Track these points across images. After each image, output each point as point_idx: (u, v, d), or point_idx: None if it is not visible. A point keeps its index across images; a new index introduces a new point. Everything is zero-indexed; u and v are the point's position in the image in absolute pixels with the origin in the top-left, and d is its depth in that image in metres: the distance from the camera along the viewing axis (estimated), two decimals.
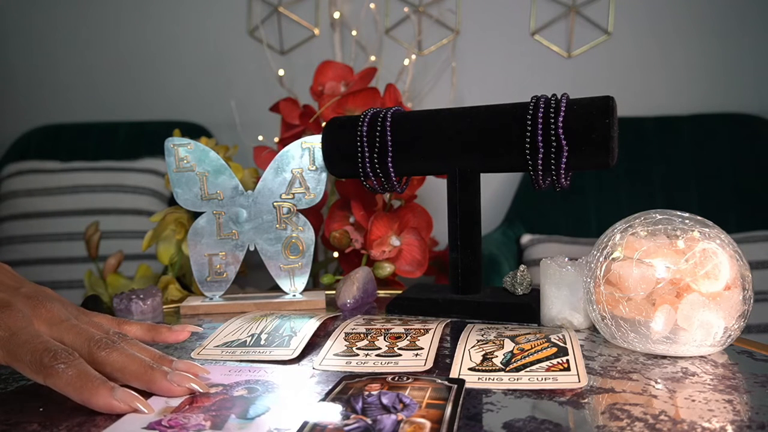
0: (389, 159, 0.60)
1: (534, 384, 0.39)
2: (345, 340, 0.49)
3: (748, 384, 0.39)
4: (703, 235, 0.44)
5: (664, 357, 0.44)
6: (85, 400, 0.36)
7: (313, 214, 0.87)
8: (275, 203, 0.64)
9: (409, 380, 0.39)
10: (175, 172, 0.63)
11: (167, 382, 0.39)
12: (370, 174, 0.61)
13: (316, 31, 1.52)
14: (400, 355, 0.45)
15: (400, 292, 0.65)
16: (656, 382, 0.39)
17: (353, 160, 0.61)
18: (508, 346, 0.46)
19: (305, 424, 0.33)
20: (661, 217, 0.46)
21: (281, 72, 1.30)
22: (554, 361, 0.42)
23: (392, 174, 0.61)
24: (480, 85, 1.48)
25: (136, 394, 0.37)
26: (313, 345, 0.49)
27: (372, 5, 1.45)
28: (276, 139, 0.99)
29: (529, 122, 0.53)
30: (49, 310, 0.42)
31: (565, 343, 0.46)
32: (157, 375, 0.40)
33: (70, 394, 0.37)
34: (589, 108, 0.52)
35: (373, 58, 1.42)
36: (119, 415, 0.36)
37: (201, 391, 0.40)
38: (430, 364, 0.43)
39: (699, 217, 0.46)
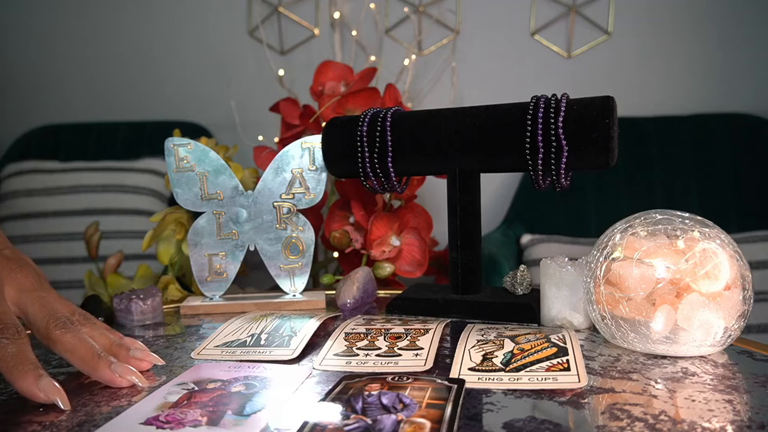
0: (389, 159, 0.60)
1: (534, 384, 0.39)
2: (345, 340, 0.49)
3: (748, 384, 0.39)
4: (703, 235, 0.44)
5: (664, 357, 0.44)
6: (12, 380, 0.37)
7: (313, 214, 0.87)
8: (275, 203, 0.64)
9: (409, 380, 0.39)
10: (175, 172, 0.63)
11: (110, 371, 0.40)
12: (370, 174, 0.61)
13: (316, 31, 1.52)
14: (400, 355, 0.45)
15: (400, 292, 0.65)
16: (656, 382, 0.39)
17: (353, 160, 0.61)
18: (508, 346, 0.46)
19: (305, 424, 0.33)
20: (661, 217, 0.46)
21: (281, 72, 1.30)
22: (554, 361, 0.42)
23: (392, 174, 0.61)
24: (480, 85, 1.48)
25: (59, 387, 0.37)
26: (313, 345, 0.49)
27: (372, 5, 1.45)
28: (276, 139, 0.99)
29: (529, 122, 0.53)
30: (24, 276, 0.42)
31: (565, 343, 0.46)
32: (102, 363, 0.40)
33: (1, 370, 0.37)
34: (589, 108, 0.52)
35: (373, 58, 1.42)
36: (118, 412, 0.36)
37: (141, 385, 0.40)
38: (430, 364, 0.43)
39: (699, 217, 0.46)
